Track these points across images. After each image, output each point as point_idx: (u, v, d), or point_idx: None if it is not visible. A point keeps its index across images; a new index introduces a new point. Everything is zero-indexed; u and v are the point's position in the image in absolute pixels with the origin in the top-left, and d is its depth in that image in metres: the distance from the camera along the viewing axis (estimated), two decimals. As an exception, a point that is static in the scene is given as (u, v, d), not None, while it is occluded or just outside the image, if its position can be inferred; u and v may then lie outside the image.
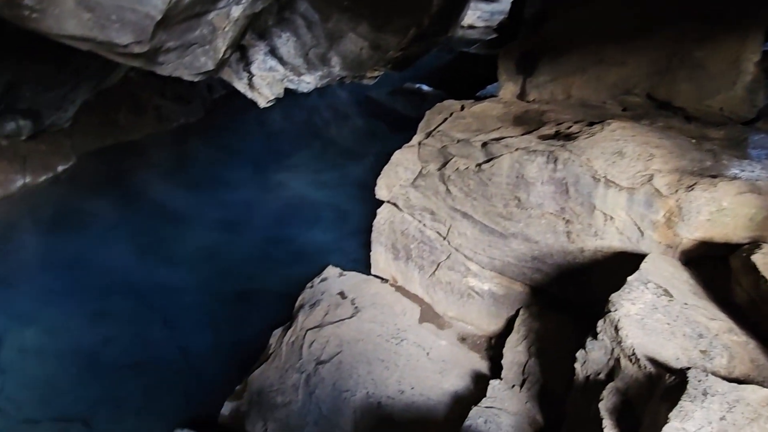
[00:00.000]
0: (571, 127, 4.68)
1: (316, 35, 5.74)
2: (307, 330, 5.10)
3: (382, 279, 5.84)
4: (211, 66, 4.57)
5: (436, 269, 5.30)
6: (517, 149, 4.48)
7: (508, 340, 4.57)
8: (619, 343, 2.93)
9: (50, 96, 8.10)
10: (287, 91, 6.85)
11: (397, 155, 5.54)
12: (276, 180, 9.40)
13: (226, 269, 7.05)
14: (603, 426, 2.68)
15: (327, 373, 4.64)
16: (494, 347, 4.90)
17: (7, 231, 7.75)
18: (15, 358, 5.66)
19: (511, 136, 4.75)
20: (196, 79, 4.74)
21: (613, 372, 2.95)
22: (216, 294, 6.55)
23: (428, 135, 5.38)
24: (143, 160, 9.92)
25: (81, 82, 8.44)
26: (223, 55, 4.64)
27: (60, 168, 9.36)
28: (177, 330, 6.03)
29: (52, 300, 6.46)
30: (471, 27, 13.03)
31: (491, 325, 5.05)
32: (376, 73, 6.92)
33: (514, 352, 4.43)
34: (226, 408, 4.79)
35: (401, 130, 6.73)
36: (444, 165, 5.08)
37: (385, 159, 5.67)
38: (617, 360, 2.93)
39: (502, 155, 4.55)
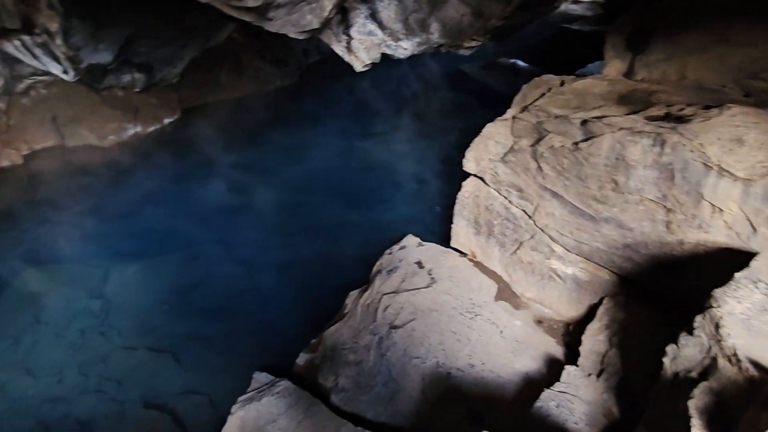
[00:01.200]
0: (683, 109, 4.31)
1: (418, 0, 5.65)
2: (383, 294, 5.19)
3: (460, 252, 5.79)
4: (316, 24, 4.64)
5: (518, 248, 5.17)
6: (620, 129, 4.20)
7: (589, 327, 4.40)
8: (719, 341, 2.72)
9: (163, 51, 8.66)
10: (381, 57, 6.85)
11: (489, 128, 5.38)
12: (362, 147, 9.54)
13: (308, 229, 7.33)
14: (691, 425, 2.52)
15: (399, 338, 4.72)
16: (572, 333, 4.75)
17: (119, 175, 8.52)
18: (118, 291, 6.29)
19: (615, 115, 4.45)
20: (301, 37, 4.84)
21: (708, 371, 2.76)
22: (297, 252, 6.84)
23: (523, 109, 5.18)
24: (240, 118, 10.45)
25: (190, 40, 8.95)
26: (329, 14, 4.69)
27: (166, 120, 10.08)
28: (259, 281, 6.38)
29: (152, 241, 7.07)
30: (576, 1, 12.27)
31: (571, 310, 4.88)
32: (473, 43, 6.73)
33: (594, 340, 4.26)
34: (302, 359, 5.03)
35: (491, 106, 6.53)
36: (538, 141, 4.88)
37: (472, 134, 5.53)
38: (714, 359, 2.74)
39: (602, 134, 4.29)
